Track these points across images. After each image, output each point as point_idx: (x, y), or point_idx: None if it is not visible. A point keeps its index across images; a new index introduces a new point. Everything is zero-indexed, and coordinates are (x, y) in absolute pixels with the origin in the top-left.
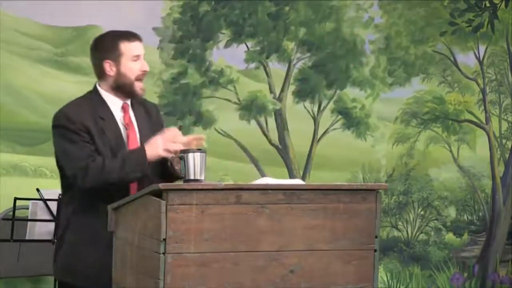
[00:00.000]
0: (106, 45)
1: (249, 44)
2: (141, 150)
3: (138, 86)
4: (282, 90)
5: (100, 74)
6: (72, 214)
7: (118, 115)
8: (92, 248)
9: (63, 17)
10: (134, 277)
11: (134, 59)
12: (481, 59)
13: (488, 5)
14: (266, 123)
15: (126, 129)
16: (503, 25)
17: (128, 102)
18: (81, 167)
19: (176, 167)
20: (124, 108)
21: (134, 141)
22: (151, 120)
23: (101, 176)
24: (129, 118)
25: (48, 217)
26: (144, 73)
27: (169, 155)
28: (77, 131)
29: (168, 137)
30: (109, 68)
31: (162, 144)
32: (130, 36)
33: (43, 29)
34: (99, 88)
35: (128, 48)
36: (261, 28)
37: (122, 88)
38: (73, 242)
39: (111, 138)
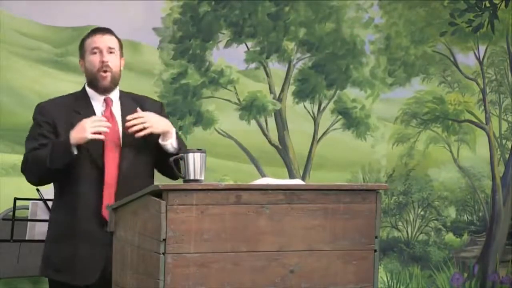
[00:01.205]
0: (79, 46)
1: (249, 44)
2: (66, 136)
3: (99, 76)
4: (282, 90)
5: (82, 73)
6: (53, 211)
7: (100, 109)
8: (66, 243)
9: (63, 17)
10: (134, 277)
11: (94, 52)
12: (481, 59)
13: (488, 5)
14: (266, 123)
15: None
16: (503, 25)
17: (112, 97)
18: (23, 160)
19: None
20: (106, 102)
21: (113, 133)
22: None
23: (34, 166)
24: (110, 112)
25: (48, 217)
26: (103, 63)
27: (100, 137)
28: (40, 123)
29: (94, 120)
30: (81, 66)
31: (89, 127)
32: (93, 31)
33: (43, 29)
34: (86, 86)
35: (89, 43)
36: (261, 28)
37: (90, 81)
38: (50, 238)
39: None
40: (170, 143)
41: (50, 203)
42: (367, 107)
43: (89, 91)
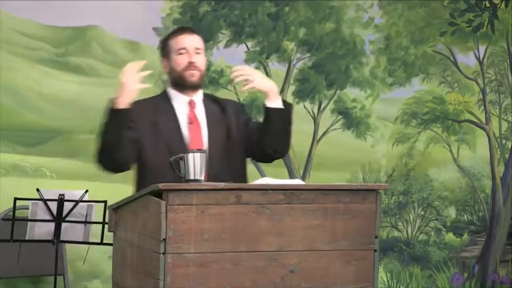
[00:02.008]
0: (161, 45)
1: (249, 44)
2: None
3: (187, 74)
4: (282, 90)
5: (165, 73)
6: None
7: (183, 110)
8: None
9: (63, 17)
10: (134, 277)
11: (181, 52)
12: (481, 59)
13: (488, 5)
14: None
15: (190, 123)
16: (503, 25)
17: (196, 99)
18: (96, 151)
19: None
20: (190, 104)
21: (197, 137)
22: (225, 118)
23: (103, 149)
24: (194, 114)
25: (48, 217)
26: (190, 64)
27: (145, 86)
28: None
29: (129, 72)
30: (165, 66)
31: (128, 80)
32: (179, 31)
33: (43, 29)
34: (167, 88)
35: (174, 42)
36: (261, 28)
37: (176, 81)
38: None
39: (166, 133)
40: (279, 104)
41: (50, 203)
42: (367, 107)
43: (172, 92)
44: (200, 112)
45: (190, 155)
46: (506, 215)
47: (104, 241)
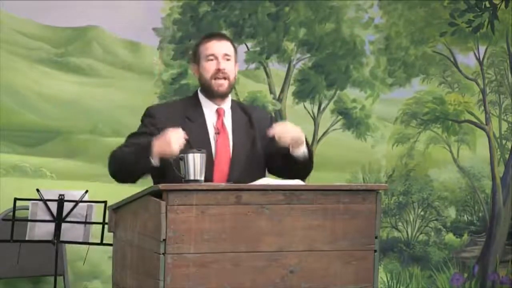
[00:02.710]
0: (193, 51)
1: (249, 44)
2: (150, 143)
3: (215, 83)
4: (282, 91)
5: (196, 78)
6: None
7: (212, 119)
8: None
9: (63, 17)
10: (134, 278)
11: (210, 59)
12: (481, 59)
13: (488, 5)
14: None
15: (217, 133)
16: (503, 25)
17: (225, 107)
18: (110, 154)
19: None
20: (218, 113)
21: (224, 147)
22: (252, 127)
23: (117, 160)
24: (222, 123)
25: (48, 217)
26: (218, 71)
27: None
28: (146, 123)
29: (178, 134)
30: (195, 71)
31: (175, 141)
32: (208, 36)
33: (43, 29)
34: (198, 91)
35: (204, 48)
36: (261, 28)
37: (204, 88)
38: None
39: (195, 140)
40: (302, 151)
41: (50, 204)
42: (367, 107)
43: (202, 97)
44: (228, 121)
45: (190, 155)
46: (506, 215)
47: (104, 241)
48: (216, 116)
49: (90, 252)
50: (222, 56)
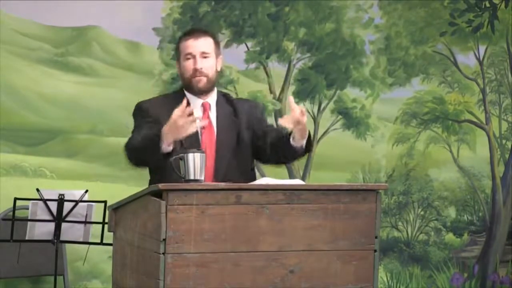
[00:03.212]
0: (175, 48)
1: (249, 44)
2: (159, 131)
3: (194, 81)
4: (282, 90)
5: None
6: None
7: (197, 113)
8: None
9: (63, 17)
10: (134, 277)
11: (187, 57)
12: (481, 59)
13: (488, 5)
14: None
15: (203, 128)
16: (503, 25)
17: (210, 101)
18: (125, 148)
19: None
20: (204, 107)
21: (209, 140)
22: (237, 120)
23: (132, 149)
24: (208, 117)
25: (48, 217)
26: (196, 71)
27: (190, 131)
28: (141, 118)
29: (187, 119)
30: (177, 68)
31: (182, 126)
32: (187, 34)
33: (43, 29)
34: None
35: (183, 47)
36: (261, 28)
37: (185, 86)
38: None
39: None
40: (301, 145)
41: (50, 203)
42: (367, 107)
43: (188, 93)
44: (214, 115)
45: (190, 155)
46: (506, 215)
47: (104, 241)
48: (202, 110)
49: (90, 252)
50: (200, 54)
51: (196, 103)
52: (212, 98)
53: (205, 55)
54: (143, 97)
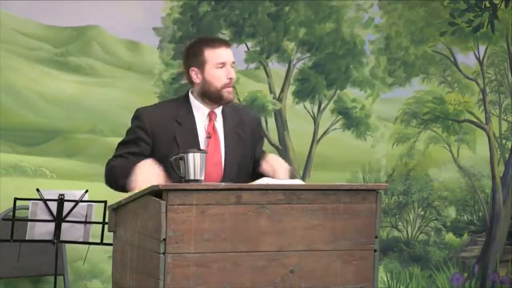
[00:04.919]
0: (192, 53)
1: (249, 44)
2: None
3: (225, 91)
4: (282, 90)
5: (189, 81)
6: None
7: (203, 122)
8: None
9: (63, 17)
10: (134, 277)
11: (219, 66)
12: (481, 59)
13: (488, 5)
14: (266, 123)
15: (208, 137)
16: (503, 25)
17: (217, 110)
18: (106, 165)
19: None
20: (210, 116)
21: (215, 150)
22: (242, 131)
23: (109, 177)
24: (213, 126)
25: (48, 217)
26: (231, 80)
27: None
28: (135, 129)
29: (158, 174)
30: (195, 75)
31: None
32: (216, 42)
33: (43, 29)
34: (190, 94)
35: (212, 55)
36: (261, 28)
37: (209, 95)
38: None
39: (184, 143)
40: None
41: (50, 203)
42: (367, 107)
43: (194, 101)
44: (219, 124)
45: (190, 155)
46: (506, 215)
47: (104, 241)
48: (208, 119)
49: (90, 252)
50: (231, 64)
51: (203, 111)
52: (218, 108)
53: (233, 65)
54: (143, 97)
